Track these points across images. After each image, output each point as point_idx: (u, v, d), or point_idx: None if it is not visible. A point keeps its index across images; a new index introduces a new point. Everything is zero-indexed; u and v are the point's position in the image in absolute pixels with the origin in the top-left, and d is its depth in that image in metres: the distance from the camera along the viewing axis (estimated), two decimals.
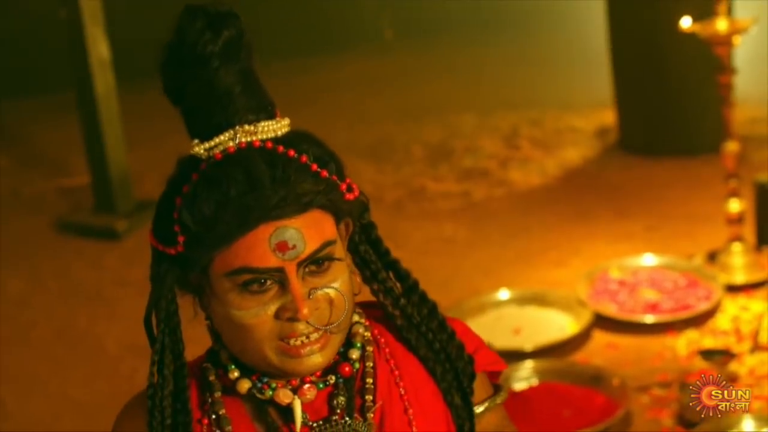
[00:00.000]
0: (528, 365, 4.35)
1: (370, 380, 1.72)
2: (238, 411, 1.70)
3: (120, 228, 6.42)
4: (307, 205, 1.59)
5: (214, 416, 1.69)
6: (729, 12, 4.80)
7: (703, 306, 4.70)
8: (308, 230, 1.60)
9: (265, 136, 1.62)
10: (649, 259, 5.14)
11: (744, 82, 5.51)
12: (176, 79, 1.64)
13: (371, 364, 1.74)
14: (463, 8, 10.47)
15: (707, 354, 4.11)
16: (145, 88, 8.70)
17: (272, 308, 1.60)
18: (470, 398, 1.79)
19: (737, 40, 4.73)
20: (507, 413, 1.90)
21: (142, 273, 1.74)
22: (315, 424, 1.68)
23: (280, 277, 1.59)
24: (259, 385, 1.68)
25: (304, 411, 1.68)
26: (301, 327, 1.60)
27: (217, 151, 1.61)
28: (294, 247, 1.58)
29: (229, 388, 1.70)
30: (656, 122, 6.71)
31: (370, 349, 1.75)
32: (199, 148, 1.62)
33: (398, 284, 1.79)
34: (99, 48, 6.32)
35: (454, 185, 6.66)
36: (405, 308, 1.77)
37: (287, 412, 1.68)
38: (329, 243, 1.62)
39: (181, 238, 1.60)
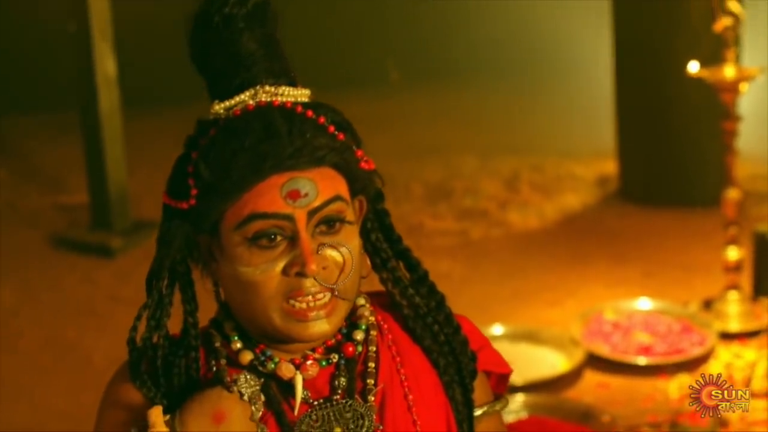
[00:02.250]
0: (518, 399, 4.32)
1: (372, 364, 1.71)
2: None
3: (115, 246, 6.39)
4: (321, 159, 1.59)
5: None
6: (737, 59, 4.81)
7: (696, 351, 4.68)
8: (321, 182, 1.59)
9: (284, 99, 1.63)
10: (644, 303, 5.13)
11: (746, 139, 5.51)
12: (203, 44, 1.66)
13: (374, 349, 1.73)
14: (471, 53, 10.52)
15: None
16: (149, 113, 8.78)
17: (280, 264, 1.59)
18: (471, 395, 1.77)
19: (744, 87, 4.75)
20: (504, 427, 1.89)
21: (135, 290, 1.73)
22: (316, 402, 1.66)
23: (290, 229, 1.58)
24: (262, 358, 1.66)
25: (305, 388, 1.66)
26: (308, 284, 1.59)
27: (236, 108, 1.62)
28: (306, 195, 1.57)
29: (232, 359, 1.68)
30: (657, 172, 6.72)
31: (373, 333, 1.74)
32: (219, 107, 1.63)
33: (407, 274, 1.78)
34: (106, 64, 6.33)
35: (453, 223, 6.66)
36: (413, 298, 1.76)
37: (288, 387, 1.66)
38: (341, 198, 1.62)
39: (194, 191, 1.59)
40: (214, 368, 1.67)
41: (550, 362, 4.74)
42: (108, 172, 6.46)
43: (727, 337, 4.85)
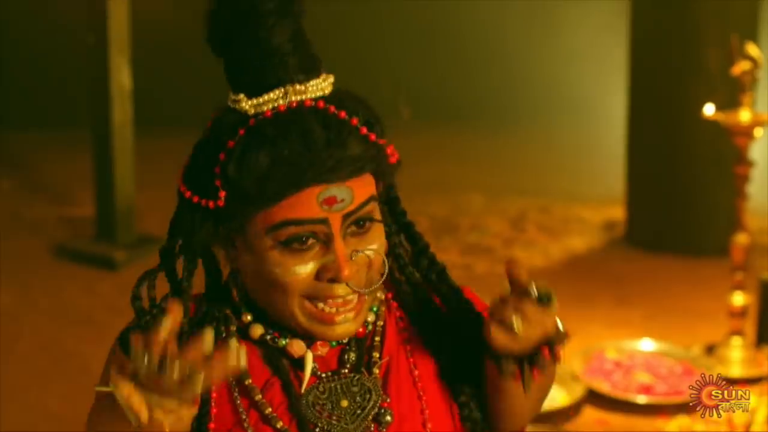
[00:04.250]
0: None
1: (378, 338, 1.70)
2: (250, 349, 1.64)
3: (119, 258, 6.37)
4: (359, 170, 1.57)
5: None
6: (753, 104, 4.82)
7: None
8: (357, 188, 1.58)
9: (314, 95, 1.60)
10: (646, 344, 5.10)
11: (756, 192, 5.51)
12: (224, 30, 1.62)
13: (381, 323, 1.72)
14: (484, 94, 10.55)
15: None
16: (160, 132, 8.79)
17: (312, 266, 1.57)
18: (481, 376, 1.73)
19: (759, 132, 4.75)
20: None
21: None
22: (323, 375, 1.65)
23: (323, 233, 1.56)
24: (272, 332, 1.65)
25: (314, 361, 1.65)
26: (340, 290, 1.58)
27: (266, 108, 1.58)
28: (342, 200, 1.56)
29: (242, 330, 1.66)
30: (665, 220, 6.71)
31: (382, 308, 1.73)
32: (246, 104, 1.59)
33: (408, 248, 1.76)
34: (121, 76, 6.34)
35: (457, 258, 6.64)
36: (411, 275, 1.75)
37: (297, 362, 1.65)
38: (374, 198, 1.60)
39: (222, 193, 1.56)
40: (224, 334, 1.65)
41: (550, 396, 4.68)
42: (116, 184, 6.45)
43: (728, 382, 4.80)
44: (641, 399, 4.62)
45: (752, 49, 4.71)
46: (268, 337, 1.64)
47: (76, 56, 7.88)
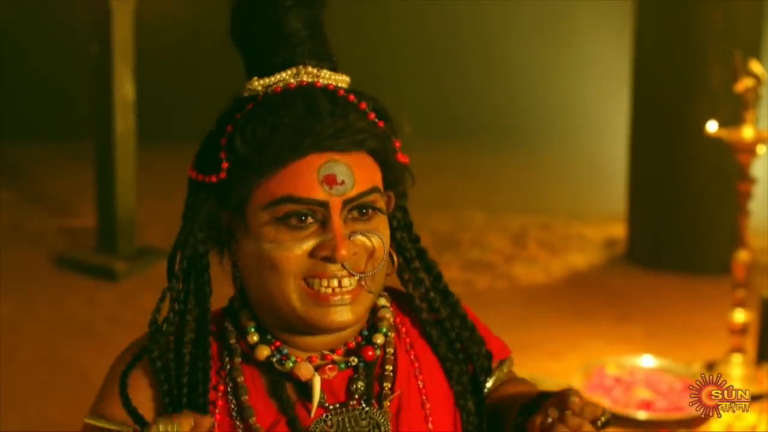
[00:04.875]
0: None
1: (389, 367, 1.66)
2: (255, 380, 1.62)
3: (119, 269, 6.36)
4: (361, 143, 1.57)
5: (231, 384, 1.61)
6: (756, 121, 4.82)
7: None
8: (359, 170, 1.56)
9: (326, 82, 1.60)
10: (647, 361, 5.09)
11: (757, 212, 5.50)
12: (246, 18, 1.63)
13: (392, 351, 1.68)
14: (488, 112, 10.56)
15: None
16: (163, 146, 8.78)
17: (308, 244, 1.55)
18: (483, 407, 1.73)
19: (761, 149, 4.75)
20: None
21: (136, 314, 1.70)
22: (331, 407, 1.61)
23: (322, 214, 1.54)
24: (279, 355, 1.61)
25: (322, 390, 1.60)
26: (334, 268, 1.55)
27: (277, 86, 1.59)
28: (342, 182, 1.54)
29: (247, 355, 1.62)
30: (666, 238, 6.71)
31: (391, 335, 1.69)
32: (258, 84, 1.60)
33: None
34: (125, 87, 6.34)
35: (458, 273, 6.63)
36: (433, 302, 1.72)
37: (304, 388, 1.61)
38: (377, 189, 1.59)
39: (225, 165, 1.56)
40: (228, 366, 1.62)
41: None
42: (117, 194, 6.44)
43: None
44: (641, 415, 4.61)
45: (756, 66, 4.72)
46: (275, 359, 1.61)
47: (78, 68, 7.91)
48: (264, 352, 1.61)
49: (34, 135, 9.48)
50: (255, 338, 1.62)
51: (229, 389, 1.61)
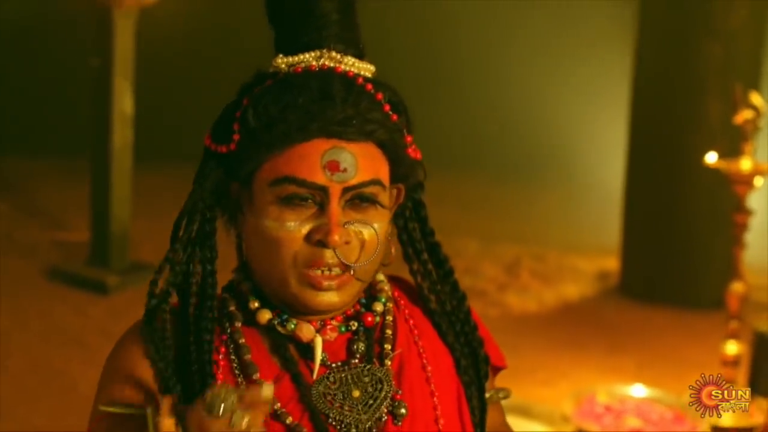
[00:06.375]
0: None
1: (389, 331, 1.69)
2: (257, 342, 1.64)
3: (111, 283, 6.36)
4: (369, 133, 1.58)
5: (232, 345, 1.62)
6: (754, 153, 4.83)
7: None
8: (363, 160, 1.58)
9: (348, 69, 1.62)
10: (638, 390, 5.07)
11: (750, 250, 5.51)
12: None
13: (391, 318, 1.71)
14: (484, 143, 10.59)
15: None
16: (160, 165, 8.77)
17: (306, 227, 1.57)
18: (485, 400, 1.76)
19: (759, 181, 4.75)
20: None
21: (127, 327, 1.69)
22: (334, 365, 1.63)
23: (321, 198, 1.56)
24: (279, 319, 1.63)
25: (323, 350, 1.63)
26: (328, 255, 1.57)
27: (298, 66, 1.61)
28: (345, 170, 1.56)
29: (248, 319, 1.65)
30: (660, 272, 6.72)
31: (390, 305, 1.72)
32: (281, 61, 1.62)
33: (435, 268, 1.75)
34: (124, 101, 6.35)
35: None
36: (441, 293, 1.75)
37: (306, 349, 1.63)
38: (379, 182, 1.60)
39: (236, 136, 1.59)
40: (229, 330, 1.64)
41: None
42: (112, 208, 6.44)
43: (718, 430, 4.78)
44: None
45: (756, 98, 4.73)
46: (276, 321, 1.63)
47: (77, 82, 7.89)
48: (266, 315, 1.63)
49: (32, 149, 9.47)
50: (256, 304, 1.65)
51: (230, 350, 1.63)
